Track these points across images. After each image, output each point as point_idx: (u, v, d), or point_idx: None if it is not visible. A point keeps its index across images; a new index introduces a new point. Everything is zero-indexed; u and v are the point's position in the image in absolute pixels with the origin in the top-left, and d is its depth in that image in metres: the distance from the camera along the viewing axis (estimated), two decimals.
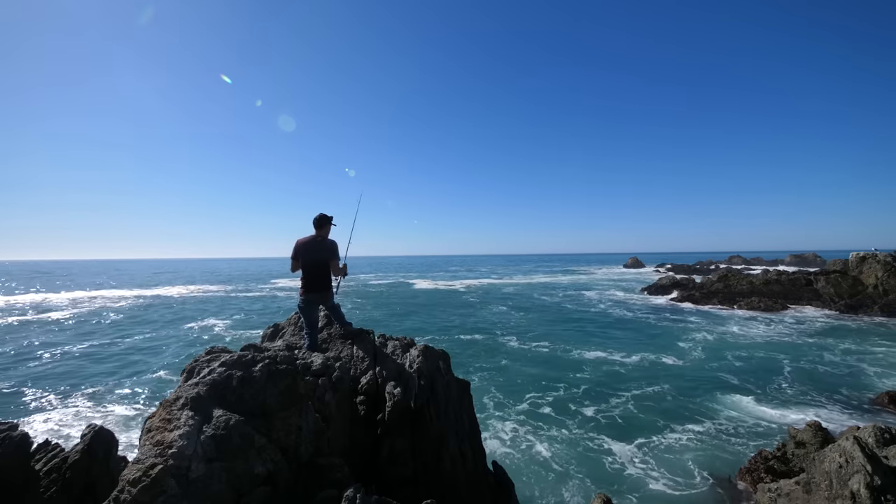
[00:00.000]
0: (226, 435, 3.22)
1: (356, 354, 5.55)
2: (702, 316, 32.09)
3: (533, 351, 21.79)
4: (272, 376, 3.85)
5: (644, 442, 11.36)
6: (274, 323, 6.80)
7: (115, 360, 19.89)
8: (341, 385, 4.72)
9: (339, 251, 5.82)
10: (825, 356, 19.60)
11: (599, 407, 13.80)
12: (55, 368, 18.37)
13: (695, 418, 12.78)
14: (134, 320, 32.11)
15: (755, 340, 23.32)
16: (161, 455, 2.92)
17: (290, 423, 3.70)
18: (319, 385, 4.41)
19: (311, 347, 5.51)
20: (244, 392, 3.66)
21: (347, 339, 5.86)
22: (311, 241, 5.69)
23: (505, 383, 16.37)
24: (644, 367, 18.53)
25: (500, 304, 41.41)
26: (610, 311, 35.81)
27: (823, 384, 15.60)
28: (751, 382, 16.01)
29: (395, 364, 5.45)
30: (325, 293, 5.75)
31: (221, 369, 3.75)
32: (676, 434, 11.75)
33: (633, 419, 12.85)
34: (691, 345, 22.41)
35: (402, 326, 29.23)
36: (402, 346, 6.01)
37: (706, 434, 11.68)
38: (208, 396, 3.48)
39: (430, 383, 5.41)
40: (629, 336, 25.18)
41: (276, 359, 4.18)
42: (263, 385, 3.76)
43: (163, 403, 3.36)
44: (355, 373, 5.26)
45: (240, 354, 4.06)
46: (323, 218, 5.74)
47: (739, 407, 13.53)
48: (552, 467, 10.11)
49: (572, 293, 51.70)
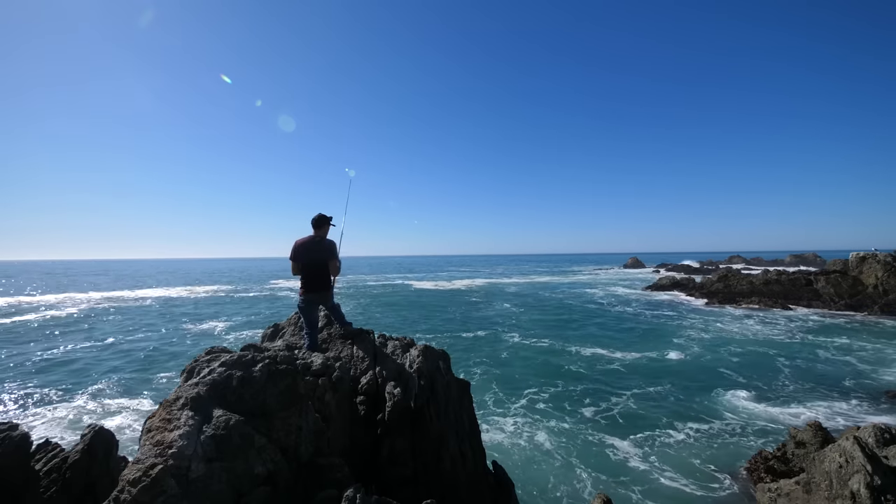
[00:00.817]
0: (226, 435, 3.22)
1: (356, 354, 5.54)
2: (701, 314, 32.16)
3: (533, 347, 22.04)
4: (272, 376, 3.85)
5: (645, 438, 11.42)
6: (274, 323, 6.80)
7: (116, 360, 19.91)
8: (341, 385, 4.72)
9: (337, 251, 5.84)
10: (824, 355, 19.64)
11: (599, 404, 13.87)
12: (56, 368, 18.40)
13: (695, 416, 12.84)
14: (133, 321, 32.12)
15: (754, 338, 23.38)
16: (161, 455, 2.92)
17: (290, 423, 3.70)
18: (319, 385, 4.40)
19: (311, 347, 5.51)
20: (244, 392, 3.66)
21: (347, 339, 5.86)
22: (309, 242, 5.70)
23: (505, 379, 16.52)
24: (643, 364, 18.63)
25: (502, 303, 41.49)
26: (610, 309, 35.93)
27: (823, 383, 15.62)
28: (750, 381, 16.04)
29: (395, 364, 5.45)
30: (324, 293, 5.75)
31: (221, 369, 3.75)
32: (677, 431, 11.80)
33: (633, 416, 12.92)
34: (690, 343, 22.53)
35: (402, 326, 29.25)
36: (402, 346, 6.01)
37: (707, 432, 11.71)
38: (208, 396, 3.48)
39: (430, 383, 5.41)
40: (628, 334, 25.30)
41: (276, 359, 4.18)
42: (263, 385, 3.76)
43: (163, 403, 3.36)
44: (355, 373, 5.26)
45: (240, 354, 4.06)
46: (321, 218, 5.74)
47: (739, 405, 13.56)
48: (553, 464, 10.15)
49: (573, 293, 51.76)
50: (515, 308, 37.75)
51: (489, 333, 25.81)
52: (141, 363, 19.33)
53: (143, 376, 17.20)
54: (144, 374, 17.58)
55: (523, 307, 38.42)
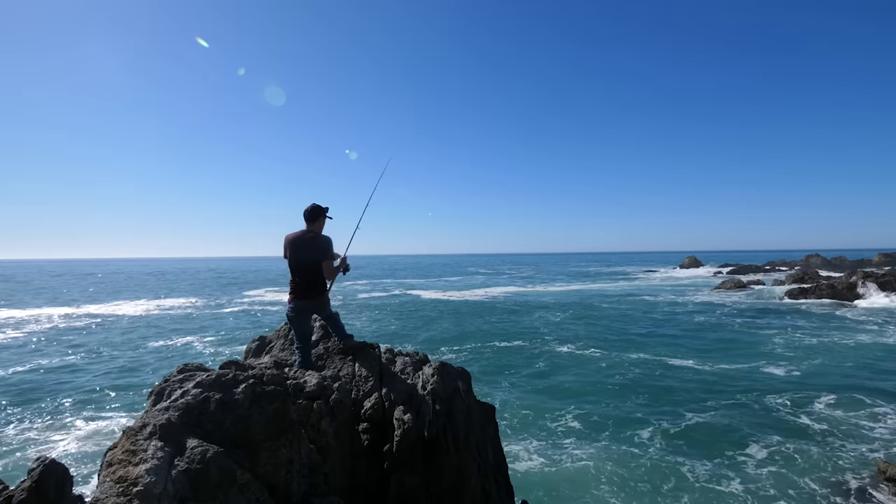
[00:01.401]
0: (202, 469, 3.16)
1: (358, 373, 5.48)
2: (788, 316, 32.81)
3: (580, 356, 22.87)
4: (257, 399, 3.80)
5: (727, 461, 11.66)
6: (260, 335, 6.77)
7: (71, 381, 20.22)
8: (340, 410, 4.67)
9: (333, 249, 5.70)
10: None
11: (662, 422, 14.10)
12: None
13: (788, 431, 13.20)
14: (91, 334, 32.70)
15: (860, 342, 24.10)
16: (125, 494, 2.87)
17: (278, 456, 3.64)
18: (314, 410, 4.36)
19: (303, 365, 5.44)
20: (224, 418, 3.61)
21: (348, 354, 5.80)
22: (300, 237, 5.59)
23: (543, 394, 16.93)
24: (720, 375, 19.16)
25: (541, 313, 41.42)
26: (674, 314, 36.63)
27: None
28: (854, 390, 16.39)
29: (404, 385, 5.38)
30: (319, 300, 5.67)
31: (197, 391, 3.71)
32: (765, 450, 12.09)
33: (711, 432, 13.25)
34: (778, 349, 23.33)
35: (414, 339, 29.27)
36: (413, 362, 5.93)
37: (804, 450, 11.98)
38: (181, 423, 3.43)
39: (446, 408, 5.32)
40: (696, 340, 26.08)
41: (263, 378, 4.14)
42: (247, 410, 3.71)
43: (126, 432, 3.32)
44: (357, 395, 5.20)
45: (219, 373, 4.01)
46: (315, 209, 5.63)
47: (845, 420, 13.85)
48: (605, 497, 10.14)
49: (627, 302, 51.59)
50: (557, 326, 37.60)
51: (527, 341, 26.09)
52: (100, 384, 19.60)
53: (103, 399, 17.46)
54: (105, 396, 17.85)
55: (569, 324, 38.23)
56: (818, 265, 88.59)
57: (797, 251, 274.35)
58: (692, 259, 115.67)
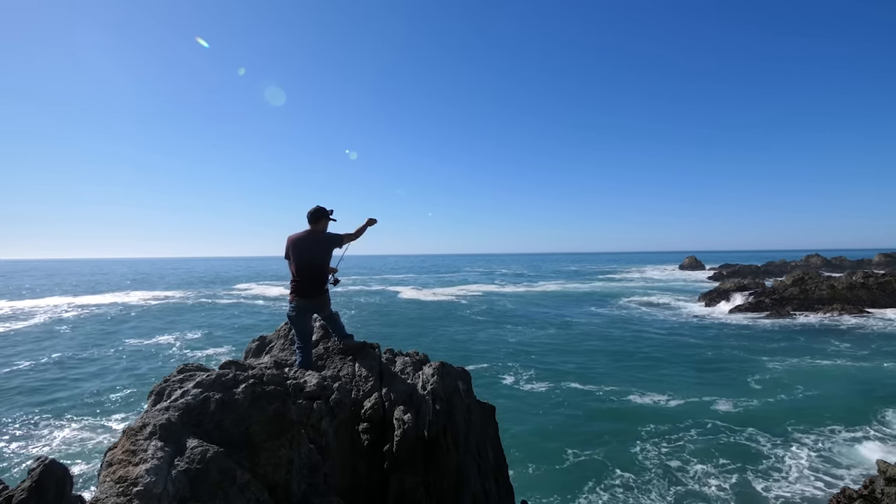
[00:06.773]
0: (202, 469, 3.16)
1: (358, 373, 5.48)
2: (771, 331, 31.62)
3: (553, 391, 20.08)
4: (257, 399, 3.79)
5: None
6: (260, 335, 6.76)
7: (72, 380, 20.26)
8: (340, 410, 4.66)
9: (335, 244, 5.77)
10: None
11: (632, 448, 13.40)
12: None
13: (763, 461, 12.40)
14: (89, 333, 32.70)
15: (840, 361, 23.01)
16: (125, 494, 2.86)
17: (278, 456, 3.63)
18: (314, 410, 4.35)
19: (303, 364, 5.44)
20: (224, 418, 3.61)
21: (348, 354, 5.80)
22: (304, 238, 5.63)
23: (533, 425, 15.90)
24: (693, 410, 16.72)
25: (510, 322, 41.17)
26: (650, 330, 33.74)
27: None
28: (836, 410, 15.75)
29: (405, 385, 5.38)
30: (320, 299, 5.69)
31: (197, 391, 3.70)
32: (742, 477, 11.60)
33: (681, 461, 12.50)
34: (759, 375, 20.78)
35: (415, 341, 29.25)
36: (413, 362, 5.93)
37: (782, 477, 11.53)
38: (181, 423, 3.43)
39: (447, 408, 5.32)
40: (677, 369, 22.41)
41: (263, 378, 4.13)
42: (247, 410, 3.70)
43: (126, 432, 3.31)
44: (357, 395, 5.19)
45: (219, 373, 4.01)
46: (319, 211, 5.68)
47: (820, 442, 13.37)
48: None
49: (612, 305, 51.15)
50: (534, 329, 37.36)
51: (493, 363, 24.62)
52: (100, 384, 19.63)
53: (103, 399, 17.47)
54: (104, 396, 17.86)
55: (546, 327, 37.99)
56: (818, 265, 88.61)
57: (797, 251, 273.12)
58: (692, 259, 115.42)
